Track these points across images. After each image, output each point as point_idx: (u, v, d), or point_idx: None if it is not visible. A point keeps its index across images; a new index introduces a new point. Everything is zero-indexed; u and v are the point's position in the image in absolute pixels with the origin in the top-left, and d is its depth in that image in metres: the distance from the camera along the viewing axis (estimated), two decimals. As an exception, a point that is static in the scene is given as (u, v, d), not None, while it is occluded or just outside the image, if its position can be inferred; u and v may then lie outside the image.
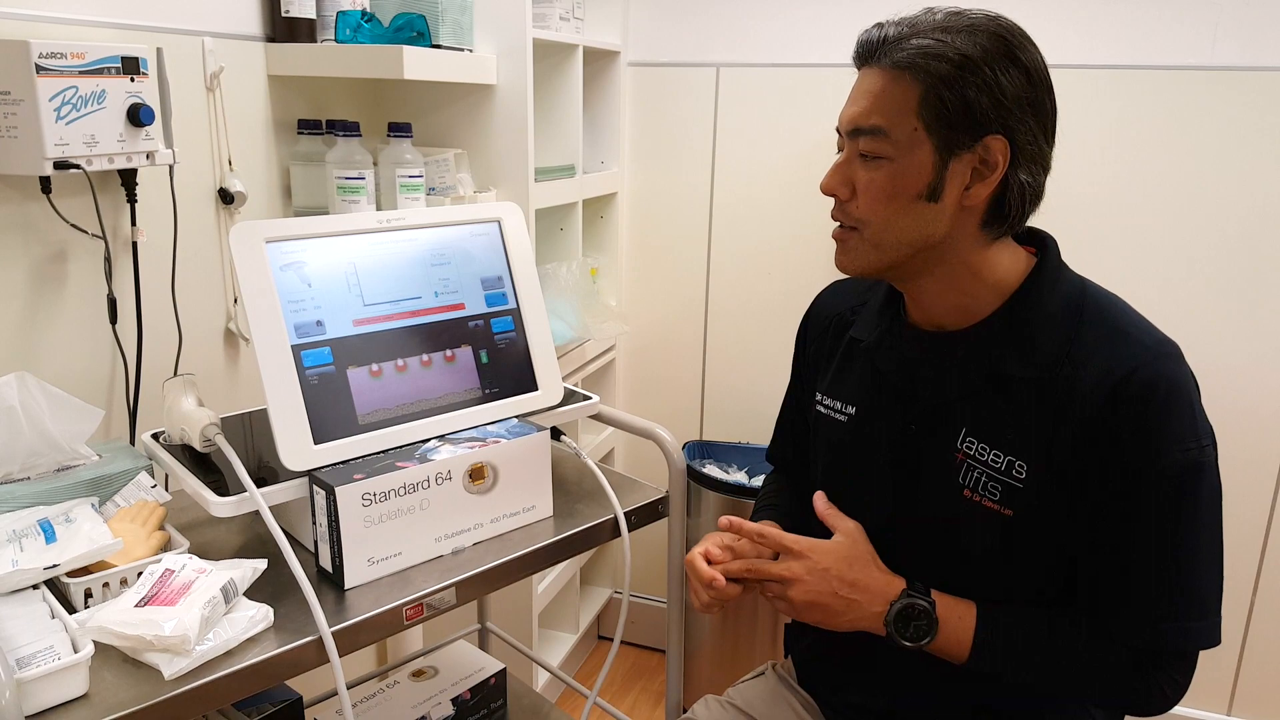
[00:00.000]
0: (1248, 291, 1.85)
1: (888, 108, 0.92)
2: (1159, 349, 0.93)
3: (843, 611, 0.98)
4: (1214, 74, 1.79)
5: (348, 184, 1.47)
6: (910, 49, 0.91)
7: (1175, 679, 0.95)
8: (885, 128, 0.92)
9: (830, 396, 1.13)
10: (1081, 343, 0.94)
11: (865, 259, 0.98)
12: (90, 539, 0.93)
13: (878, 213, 0.95)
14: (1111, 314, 0.97)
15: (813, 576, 0.98)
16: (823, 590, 0.97)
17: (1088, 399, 0.91)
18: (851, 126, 0.95)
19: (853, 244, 0.98)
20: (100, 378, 1.28)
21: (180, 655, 0.82)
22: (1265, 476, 1.91)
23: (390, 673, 1.47)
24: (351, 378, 1.06)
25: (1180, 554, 0.92)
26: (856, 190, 0.96)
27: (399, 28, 1.52)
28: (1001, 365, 0.96)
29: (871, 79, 0.94)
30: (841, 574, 0.98)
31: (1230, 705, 2.02)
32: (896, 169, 0.93)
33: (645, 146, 2.21)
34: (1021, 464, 0.95)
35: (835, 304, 1.17)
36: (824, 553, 0.99)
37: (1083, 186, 1.90)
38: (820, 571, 0.98)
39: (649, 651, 2.48)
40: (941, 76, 0.89)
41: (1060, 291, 0.97)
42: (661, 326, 2.31)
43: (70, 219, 1.19)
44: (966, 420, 0.98)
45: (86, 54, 1.13)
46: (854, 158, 0.96)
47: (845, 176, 0.97)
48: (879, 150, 0.93)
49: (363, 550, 0.98)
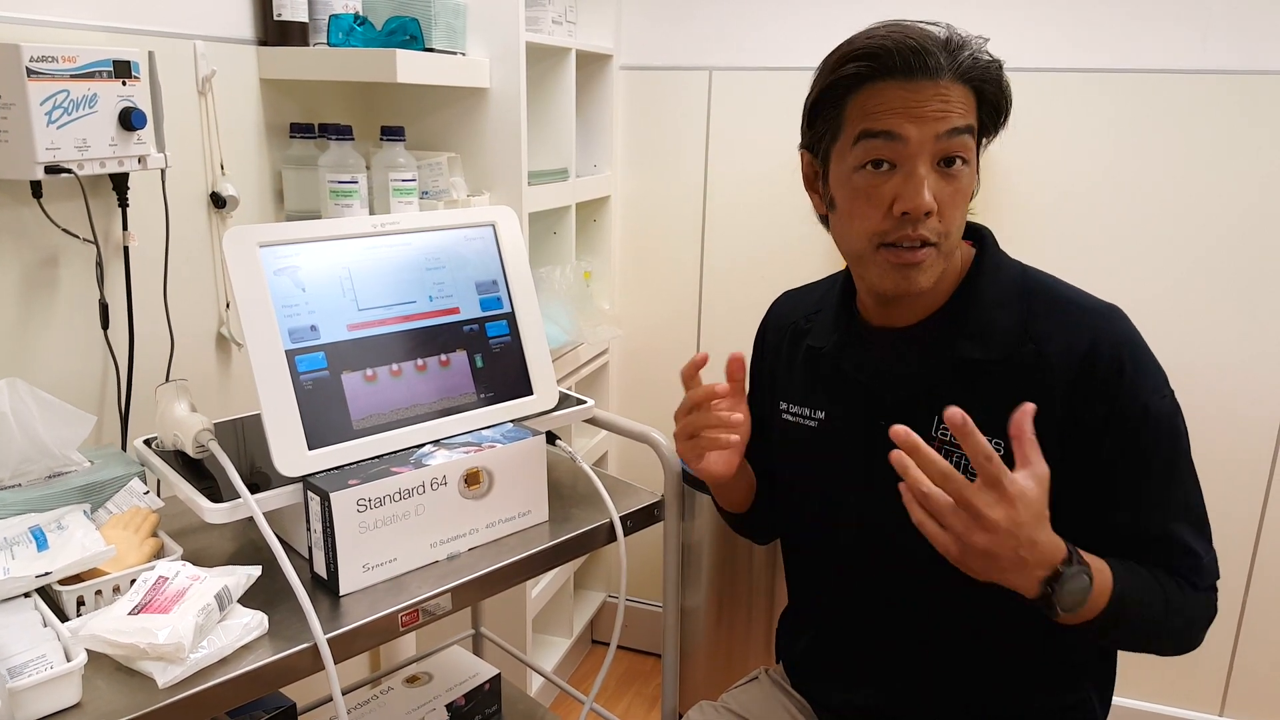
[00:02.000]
0: (1241, 293, 1.86)
1: (967, 111, 0.95)
2: (1107, 312, 0.99)
3: (1009, 568, 0.87)
4: (1204, 77, 1.80)
5: (341, 188, 1.47)
6: (973, 59, 0.94)
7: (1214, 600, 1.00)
8: (970, 131, 0.95)
9: (797, 404, 1.13)
10: (1035, 320, 0.99)
11: (936, 273, 0.98)
12: (83, 546, 0.92)
13: (957, 221, 0.97)
14: (1055, 289, 1.02)
15: (1010, 526, 0.85)
16: (1007, 545, 0.86)
17: (1059, 371, 0.96)
18: (949, 128, 0.93)
19: (930, 261, 0.96)
20: (92, 383, 1.28)
21: (174, 663, 0.82)
22: (1257, 477, 1.92)
23: (384, 679, 1.46)
24: (346, 383, 1.05)
25: (1190, 492, 0.99)
26: (941, 203, 0.94)
27: (391, 31, 1.52)
28: (962, 351, 0.99)
29: (939, 85, 0.93)
30: (1031, 533, 0.87)
31: (1222, 706, 2.03)
32: (971, 173, 0.96)
33: (638, 150, 2.21)
34: (998, 441, 0.96)
35: (789, 313, 1.19)
36: (1026, 505, 0.86)
37: (1074, 189, 1.90)
38: (1018, 524, 0.86)
39: (644, 656, 2.47)
40: (994, 81, 0.95)
41: (1003, 276, 1.02)
42: (655, 330, 2.31)
43: (62, 224, 1.19)
44: (937, 409, 1.00)
45: (78, 57, 1.12)
46: (931, 170, 0.94)
47: (934, 189, 0.94)
48: (968, 153, 0.95)
49: (357, 556, 0.97)
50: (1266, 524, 1.93)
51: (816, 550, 1.14)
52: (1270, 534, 1.93)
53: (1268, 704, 2.01)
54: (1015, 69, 1.31)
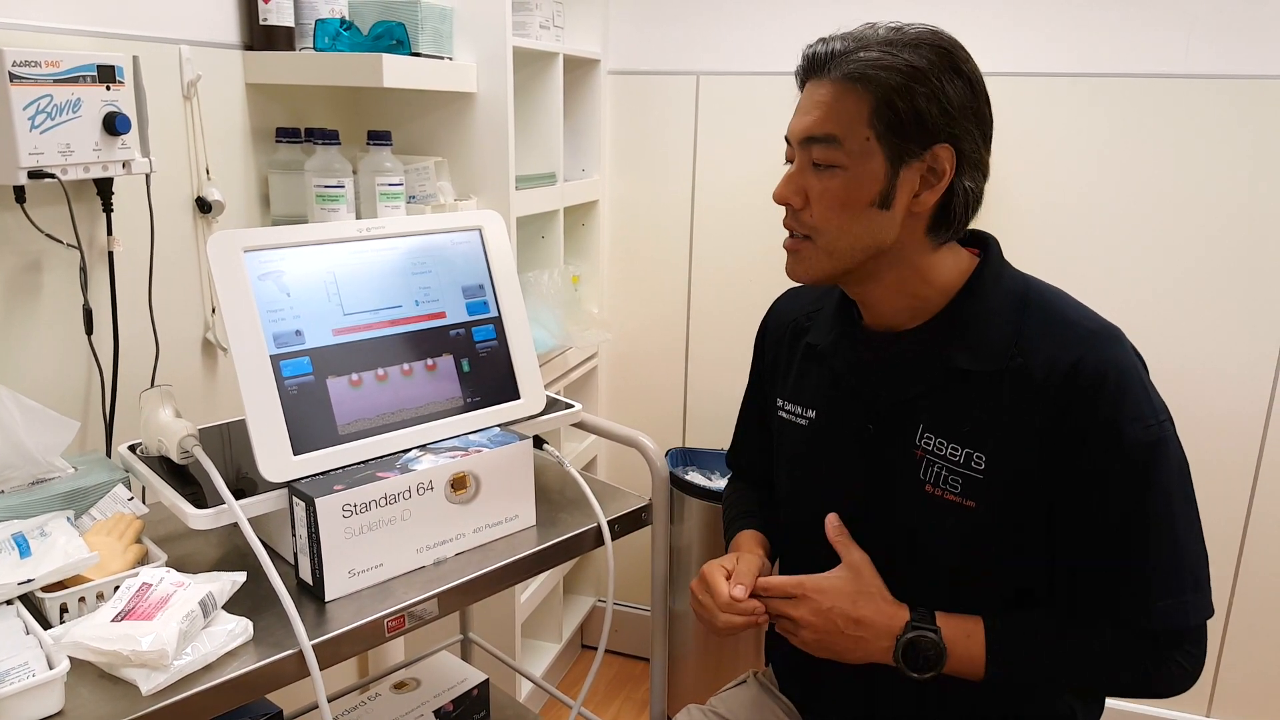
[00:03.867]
0: (1225, 297, 1.87)
1: (840, 118, 0.94)
2: (1102, 334, 0.96)
3: (851, 649, 0.99)
4: (1187, 81, 1.81)
5: (327, 192, 1.46)
6: (861, 61, 0.93)
7: (1189, 652, 0.96)
8: (839, 136, 0.95)
9: (791, 402, 1.14)
10: (1027, 334, 0.97)
11: (819, 266, 1.00)
12: (66, 553, 0.92)
13: (831, 220, 0.97)
14: (1055, 305, 1.00)
15: (818, 618, 0.99)
16: (829, 630, 0.99)
17: (1041, 389, 0.94)
18: (804, 135, 0.97)
19: (806, 253, 1.00)
20: (76, 389, 1.27)
21: (158, 670, 0.81)
22: (1241, 478, 1.93)
23: (372, 685, 1.45)
24: (331, 387, 1.05)
25: (1160, 530, 0.93)
26: (810, 199, 0.98)
27: (378, 36, 1.52)
28: (953, 361, 0.99)
29: (821, 90, 0.96)
30: (845, 612, 0.99)
31: (1209, 706, 2.04)
32: (850, 177, 0.95)
33: (626, 154, 2.21)
34: (980, 455, 0.97)
35: (791, 310, 1.20)
36: (826, 592, 1.00)
37: (1057, 194, 1.91)
38: (824, 612, 0.99)
39: (633, 660, 2.47)
40: (893, 87, 0.92)
41: (1003, 287, 1.01)
42: (643, 334, 2.31)
43: (45, 229, 1.18)
44: (923, 416, 1.00)
45: (61, 62, 1.12)
46: (806, 167, 0.98)
47: (799, 186, 0.98)
48: (832, 159, 0.95)
49: (343, 562, 0.97)
50: (1251, 526, 1.94)
51: (805, 551, 1.14)
52: (1255, 536, 1.94)
53: (1254, 705, 2.02)
54: (996, 73, 1.31)
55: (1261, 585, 1.96)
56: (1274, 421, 1.89)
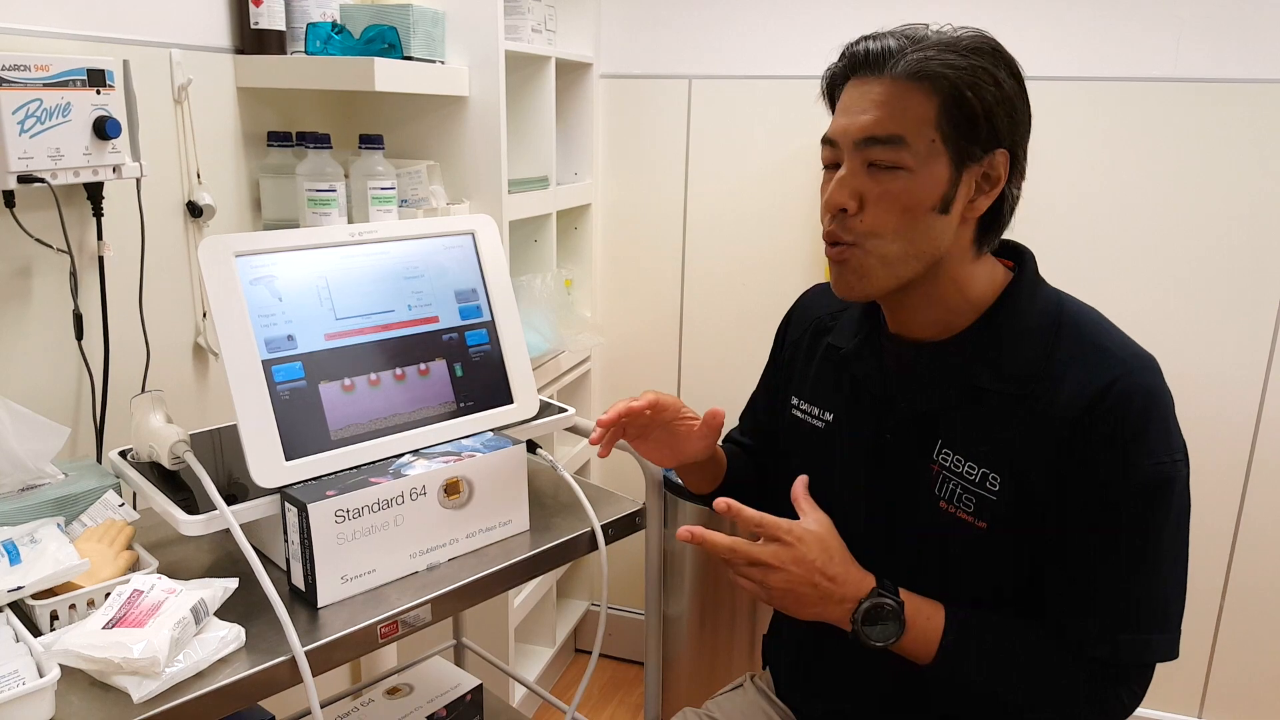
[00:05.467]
0: (1217, 300, 1.88)
1: (905, 117, 0.90)
2: (1137, 362, 0.93)
3: (815, 602, 0.96)
4: (1178, 85, 1.82)
5: (319, 197, 1.46)
6: (926, 59, 0.90)
7: (1133, 689, 0.95)
8: (905, 136, 0.90)
9: (807, 401, 1.13)
10: (1058, 358, 0.94)
11: (878, 277, 0.94)
12: (56, 560, 0.91)
13: (890, 224, 0.92)
14: (1090, 329, 0.96)
15: (797, 565, 0.95)
16: (803, 579, 0.95)
17: (1064, 412, 0.91)
18: (864, 136, 0.92)
19: (858, 262, 0.94)
20: (66, 395, 1.26)
21: (150, 678, 0.81)
22: (1232, 481, 1.94)
23: (365, 691, 1.45)
24: (323, 392, 1.04)
25: (1144, 566, 0.92)
26: (865, 203, 0.93)
27: (370, 39, 1.51)
28: (978, 379, 0.96)
29: (878, 89, 0.91)
30: (824, 566, 0.96)
31: (1200, 708, 2.04)
32: (915, 180, 0.91)
33: (618, 158, 2.21)
34: (996, 477, 0.95)
35: (816, 307, 1.17)
36: (810, 543, 0.96)
37: (1048, 197, 1.92)
38: (805, 561, 0.95)
39: (627, 664, 2.47)
40: (963, 87, 0.89)
41: (1036, 306, 0.97)
42: (636, 337, 2.31)
43: (35, 233, 1.17)
44: (943, 432, 0.98)
45: (51, 66, 1.11)
46: (859, 170, 0.93)
47: (854, 189, 0.93)
48: (897, 160, 0.90)
49: (336, 568, 0.97)
50: (1242, 528, 1.95)
51: None
52: (1245, 538, 1.95)
53: (1245, 706, 2.02)
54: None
55: (1252, 586, 1.97)
56: (1265, 424, 1.90)
